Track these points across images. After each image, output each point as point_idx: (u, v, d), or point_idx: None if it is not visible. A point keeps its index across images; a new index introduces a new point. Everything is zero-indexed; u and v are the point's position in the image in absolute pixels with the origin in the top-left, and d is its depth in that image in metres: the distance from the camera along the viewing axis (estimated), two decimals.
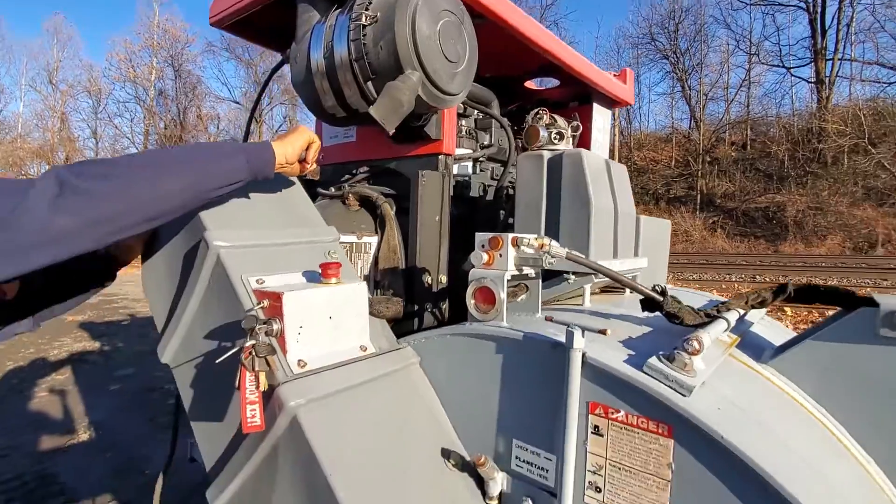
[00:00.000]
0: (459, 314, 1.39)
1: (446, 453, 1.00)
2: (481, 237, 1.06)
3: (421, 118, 1.35)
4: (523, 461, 0.94)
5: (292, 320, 0.93)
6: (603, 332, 0.95)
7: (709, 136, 24.49)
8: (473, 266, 1.06)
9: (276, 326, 0.91)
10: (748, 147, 23.41)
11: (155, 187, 0.86)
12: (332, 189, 1.60)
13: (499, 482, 0.96)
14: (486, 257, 1.03)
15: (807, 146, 21.16)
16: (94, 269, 1.26)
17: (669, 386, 0.79)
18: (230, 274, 1.01)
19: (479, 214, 1.82)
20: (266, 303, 0.95)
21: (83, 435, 4.15)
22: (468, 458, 1.01)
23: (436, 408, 1.07)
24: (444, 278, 1.49)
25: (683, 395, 0.78)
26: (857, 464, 0.94)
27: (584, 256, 1.03)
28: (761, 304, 1.21)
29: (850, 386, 0.97)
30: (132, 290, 11.01)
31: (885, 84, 20.29)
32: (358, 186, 1.55)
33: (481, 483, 0.99)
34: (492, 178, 1.93)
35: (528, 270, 1.07)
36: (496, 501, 0.97)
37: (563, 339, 0.89)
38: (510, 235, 1.02)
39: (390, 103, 1.08)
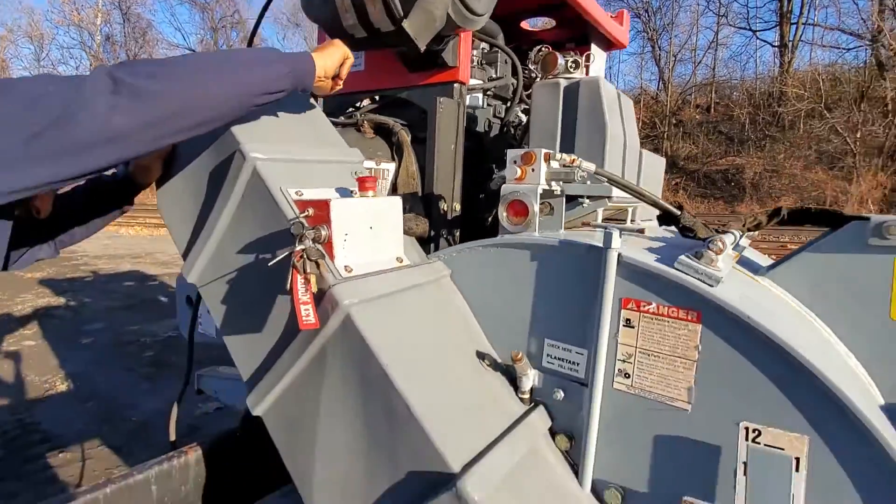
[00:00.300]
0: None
1: (481, 355, 1.07)
2: (513, 153, 1.09)
3: (442, 41, 1.35)
4: (555, 358, 1.02)
5: (339, 227, 0.96)
6: (641, 231, 1.02)
7: (675, 98, 24.83)
8: (505, 181, 1.10)
9: (323, 233, 0.94)
10: (712, 110, 23.91)
11: (207, 89, 0.85)
12: (343, 118, 1.59)
13: (531, 378, 1.04)
14: (518, 172, 1.07)
15: (767, 110, 21.79)
16: (115, 194, 1.23)
17: (698, 278, 0.88)
18: (269, 185, 1.02)
19: (484, 149, 1.84)
20: (311, 211, 0.98)
21: (60, 386, 4.08)
22: (500, 360, 1.09)
23: (468, 316, 1.13)
24: (457, 206, 1.53)
25: (711, 286, 0.87)
26: (844, 359, 1.07)
27: (610, 172, 1.09)
28: (756, 227, 1.30)
29: (840, 293, 1.07)
30: (92, 247, 10.56)
31: (843, 50, 20.94)
32: (371, 114, 1.54)
33: (513, 382, 1.08)
34: (494, 116, 1.95)
35: (555, 187, 1.12)
36: (528, 395, 1.05)
37: (596, 242, 0.96)
38: (542, 150, 1.06)
39: (424, 17, 1.08)
